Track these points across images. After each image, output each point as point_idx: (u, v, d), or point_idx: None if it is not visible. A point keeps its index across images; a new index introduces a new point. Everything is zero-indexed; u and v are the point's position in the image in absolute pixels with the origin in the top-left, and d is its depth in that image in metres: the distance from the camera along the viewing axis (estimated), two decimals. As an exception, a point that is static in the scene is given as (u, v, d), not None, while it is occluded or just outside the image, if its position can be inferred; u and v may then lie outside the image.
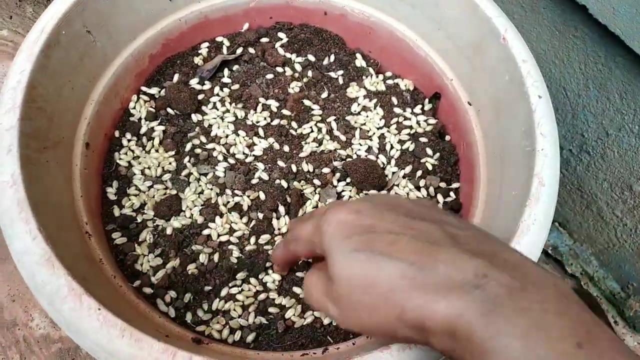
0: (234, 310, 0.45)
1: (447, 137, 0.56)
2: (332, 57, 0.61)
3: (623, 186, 0.60)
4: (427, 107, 0.57)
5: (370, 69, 0.60)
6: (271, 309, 0.45)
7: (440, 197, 0.52)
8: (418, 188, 0.53)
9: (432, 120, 0.57)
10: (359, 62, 0.61)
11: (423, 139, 0.56)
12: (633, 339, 0.69)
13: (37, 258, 0.34)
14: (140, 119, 0.55)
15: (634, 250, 0.64)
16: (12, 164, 0.37)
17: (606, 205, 0.64)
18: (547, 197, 0.38)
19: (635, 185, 0.59)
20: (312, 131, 0.56)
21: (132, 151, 0.53)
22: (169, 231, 0.48)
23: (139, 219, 0.49)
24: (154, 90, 0.56)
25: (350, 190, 0.52)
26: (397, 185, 0.53)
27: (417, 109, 0.57)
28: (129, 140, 0.53)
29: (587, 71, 0.56)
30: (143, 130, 0.54)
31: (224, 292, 0.46)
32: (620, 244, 0.66)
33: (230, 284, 0.46)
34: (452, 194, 0.53)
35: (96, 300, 0.33)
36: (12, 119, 0.39)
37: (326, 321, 0.45)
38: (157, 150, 0.53)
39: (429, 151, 0.55)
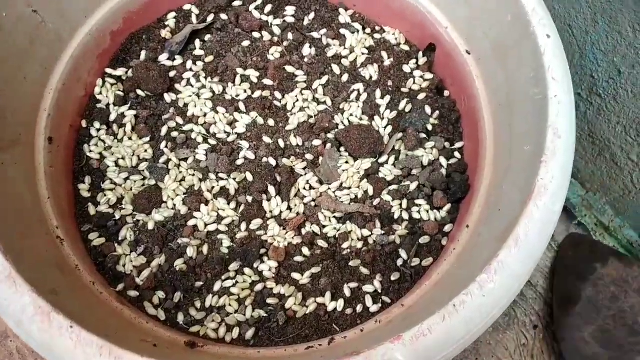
0: (230, 305, 0.42)
1: (446, 93, 0.52)
2: (313, 16, 0.55)
3: (639, 128, 0.56)
4: (422, 61, 0.53)
5: (356, 24, 0.55)
6: (270, 300, 0.42)
7: (443, 160, 0.48)
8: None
9: (429, 76, 0.52)
10: (343, 17, 0.55)
11: (420, 96, 0.51)
12: (656, 286, 0.65)
13: (-4, 276, 0.30)
14: (108, 104, 0.50)
15: (653, 196, 0.60)
16: (-42, 171, 0.33)
17: (620, 150, 0.60)
18: (565, 150, 0.34)
19: (653, 126, 0.54)
20: (297, 100, 0.51)
21: (103, 141, 0.49)
22: (151, 226, 0.44)
23: (117, 216, 0.45)
24: (120, 72, 0.52)
25: (347, 161, 0.48)
26: (395, 149, 0.49)
27: (412, 64, 0.53)
28: (98, 130, 0.49)
29: (595, 4, 0.50)
30: (113, 117, 0.50)
31: (217, 287, 0.42)
32: (638, 190, 0.62)
33: (223, 277, 0.43)
34: (456, 154, 0.49)
35: (68, 317, 0.30)
36: (-48, 120, 0.34)
37: (330, 307, 0.41)
38: (130, 138, 0.49)
39: (428, 109, 0.50)
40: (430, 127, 0.50)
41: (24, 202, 0.39)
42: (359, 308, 0.41)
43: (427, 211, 0.46)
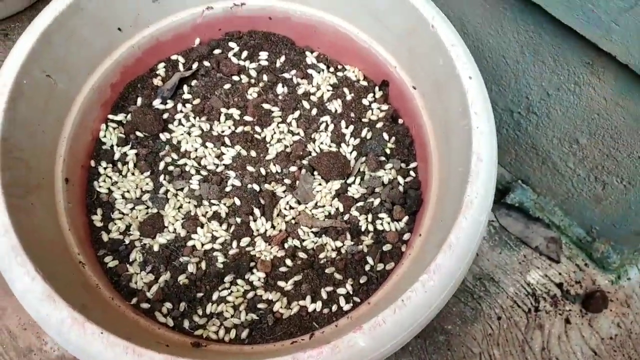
0: (227, 311, 0.49)
1: (400, 121, 0.60)
2: (283, 58, 0.64)
3: (571, 140, 0.65)
4: (378, 94, 0.61)
5: (321, 64, 0.63)
6: (260, 305, 0.49)
7: (400, 179, 0.56)
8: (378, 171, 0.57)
9: (385, 107, 0.60)
10: (310, 59, 0.64)
11: (379, 125, 0.59)
12: (603, 278, 0.74)
13: (39, 295, 0.38)
14: (112, 146, 0.58)
15: (591, 197, 0.69)
16: (1, 213, 0.41)
17: (559, 159, 0.69)
18: (486, 171, 0.42)
19: (581, 138, 0.63)
20: (275, 133, 0.59)
21: (110, 178, 0.56)
22: (156, 248, 0.52)
23: (127, 241, 0.53)
24: (120, 117, 0.59)
25: (320, 184, 0.56)
26: (360, 171, 0.57)
27: (370, 97, 0.61)
28: (105, 168, 0.56)
29: (520, 39, 0.60)
30: (117, 156, 0.57)
31: (215, 296, 0.50)
32: (578, 193, 0.71)
33: (219, 288, 0.50)
34: (411, 172, 0.57)
35: (98, 325, 0.37)
36: (-8, 173, 0.42)
37: (311, 308, 0.49)
38: (133, 174, 0.57)
39: (385, 136, 0.58)
40: (388, 151, 0.58)
41: (51, 234, 0.46)
42: (334, 307, 0.49)
43: (389, 223, 0.54)
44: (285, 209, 0.55)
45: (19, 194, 0.44)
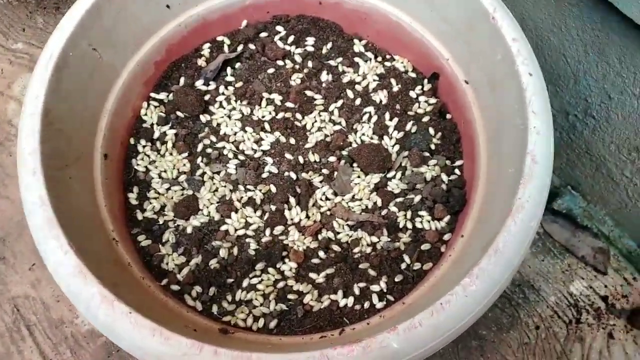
0: (256, 299, 0.48)
1: (448, 116, 0.57)
2: (330, 45, 0.62)
3: (630, 147, 0.61)
4: (427, 87, 0.59)
5: (369, 53, 0.61)
6: (290, 296, 0.48)
7: (444, 176, 0.54)
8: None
9: (433, 100, 0.58)
10: (357, 47, 0.62)
11: (425, 119, 0.57)
12: (651, 293, 0.70)
13: (71, 270, 0.38)
14: (152, 124, 0.57)
15: (646, 208, 0.65)
16: (39, 185, 0.41)
17: (615, 166, 0.65)
18: (540, 174, 0.40)
19: (642, 146, 0.59)
20: (315, 121, 0.58)
21: (148, 156, 0.56)
22: (189, 230, 0.51)
23: (161, 221, 0.52)
24: (162, 96, 0.59)
25: (358, 176, 0.54)
26: (402, 166, 0.55)
27: (417, 90, 0.59)
28: (144, 146, 0.56)
29: (585, 37, 0.56)
30: (156, 135, 0.57)
31: (245, 283, 0.49)
32: (633, 203, 0.67)
33: (250, 275, 0.49)
34: (456, 171, 0.54)
35: (127, 304, 0.37)
36: (33, 143, 0.42)
37: (342, 303, 0.48)
38: (171, 154, 0.56)
39: (431, 131, 0.56)
40: (433, 147, 0.56)
41: (86, 209, 0.46)
42: (367, 305, 0.48)
43: (429, 221, 0.52)
44: (321, 199, 0.54)
45: (58, 166, 0.44)
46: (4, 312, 0.62)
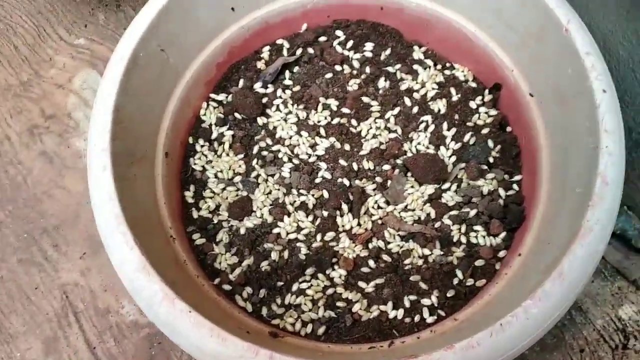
0: (305, 304, 0.48)
1: (508, 129, 0.56)
2: (389, 51, 0.61)
3: (699, 170, 0.58)
4: (487, 98, 0.57)
5: (428, 61, 0.60)
6: (339, 303, 0.48)
7: (502, 191, 0.52)
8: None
9: (493, 112, 0.56)
10: (417, 54, 0.61)
11: (484, 131, 0.56)
12: None
13: (135, 266, 0.39)
14: (210, 125, 0.59)
15: None
16: (108, 181, 0.42)
17: (681, 187, 0.61)
18: (611, 197, 0.38)
19: None
20: (371, 128, 0.58)
21: (205, 156, 0.57)
22: (242, 231, 0.52)
23: (215, 220, 0.53)
24: (221, 97, 0.60)
25: (412, 186, 0.54)
26: (457, 178, 0.54)
27: (478, 100, 0.57)
28: (202, 146, 0.57)
29: (660, 52, 0.53)
30: (214, 135, 0.58)
31: (294, 287, 0.49)
32: (696, 228, 0.63)
33: (300, 280, 0.50)
34: (514, 186, 0.53)
35: (187, 303, 0.38)
36: (104, 140, 0.44)
37: (392, 315, 0.47)
38: (227, 154, 0.57)
39: (490, 143, 0.55)
40: (491, 160, 0.54)
41: (147, 206, 0.48)
42: (417, 318, 0.47)
43: (484, 237, 0.51)
44: (373, 207, 0.54)
45: (125, 163, 0.46)
46: (53, 298, 0.64)
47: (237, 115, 0.59)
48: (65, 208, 0.69)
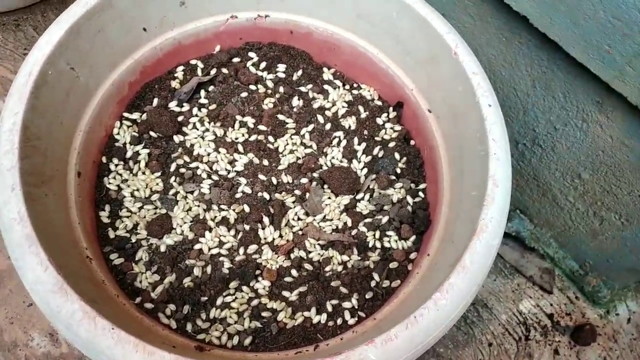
0: (230, 317, 0.49)
1: (412, 142, 0.61)
2: (301, 72, 0.65)
3: (573, 175, 0.67)
4: (392, 115, 0.62)
5: (337, 81, 0.65)
6: (264, 313, 0.49)
7: (409, 199, 0.57)
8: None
9: (398, 127, 0.61)
10: (326, 75, 0.65)
11: (391, 144, 0.60)
12: (593, 311, 0.75)
13: (51, 287, 0.37)
14: (125, 143, 0.58)
15: (588, 232, 0.71)
16: (17, 201, 0.40)
17: (560, 192, 0.70)
18: (501, 197, 0.44)
19: (584, 174, 0.65)
20: (287, 144, 0.60)
21: (120, 175, 0.56)
22: (162, 248, 0.52)
23: (134, 239, 0.52)
24: (135, 116, 0.59)
25: (329, 197, 0.57)
26: (370, 188, 0.58)
27: (384, 117, 0.62)
28: (116, 165, 0.56)
29: (533, 73, 0.62)
30: (129, 154, 0.57)
31: (219, 301, 0.50)
32: (575, 227, 0.72)
33: (224, 293, 0.50)
34: (420, 193, 0.58)
35: (108, 320, 0.37)
36: (12, 159, 0.42)
37: (315, 320, 0.49)
38: (144, 173, 0.56)
39: (397, 155, 0.59)
40: (399, 170, 0.59)
41: (61, 226, 0.46)
42: (339, 321, 0.49)
43: (396, 241, 0.55)
44: (293, 219, 0.56)
45: (35, 183, 0.44)
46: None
47: (152, 133, 0.58)
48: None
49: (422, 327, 0.39)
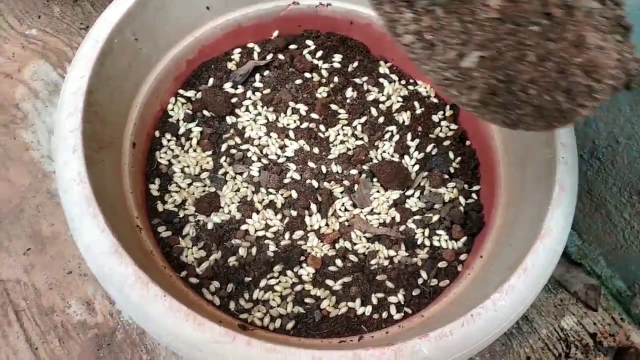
0: (273, 299, 0.48)
1: (468, 142, 0.60)
2: (356, 64, 0.64)
3: (631, 191, 0.64)
4: (448, 113, 0.61)
5: (393, 76, 0.63)
6: (307, 300, 0.48)
7: (462, 199, 0.55)
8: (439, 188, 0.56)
9: (454, 126, 0.60)
10: (382, 69, 0.64)
11: (445, 143, 0.59)
12: (638, 335, 0.72)
13: (106, 249, 0.37)
14: (178, 120, 0.58)
15: None
16: (78, 162, 0.40)
17: (615, 208, 0.68)
18: (568, 201, 0.42)
19: (643, 190, 0.62)
20: (338, 134, 0.59)
21: (172, 150, 0.56)
22: (209, 226, 0.51)
23: (181, 214, 0.52)
24: (190, 93, 0.59)
25: (378, 191, 0.56)
26: (420, 185, 0.56)
27: (439, 115, 0.61)
28: (168, 140, 0.56)
29: (600, 81, 0.59)
30: (181, 130, 0.57)
31: (262, 283, 0.49)
32: (628, 245, 0.69)
33: (268, 276, 0.49)
34: (473, 195, 0.56)
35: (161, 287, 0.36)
36: (75, 122, 0.42)
37: (360, 311, 0.48)
38: (195, 150, 0.56)
39: (451, 155, 0.58)
40: (452, 170, 0.57)
41: (115, 193, 0.46)
42: (384, 315, 0.48)
43: (446, 241, 0.53)
44: (340, 209, 0.55)
45: (95, 147, 0.44)
46: (-9, 295, 0.60)
47: (205, 112, 0.58)
48: (8, 202, 0.65)
49: (479, 326, 0.37)
